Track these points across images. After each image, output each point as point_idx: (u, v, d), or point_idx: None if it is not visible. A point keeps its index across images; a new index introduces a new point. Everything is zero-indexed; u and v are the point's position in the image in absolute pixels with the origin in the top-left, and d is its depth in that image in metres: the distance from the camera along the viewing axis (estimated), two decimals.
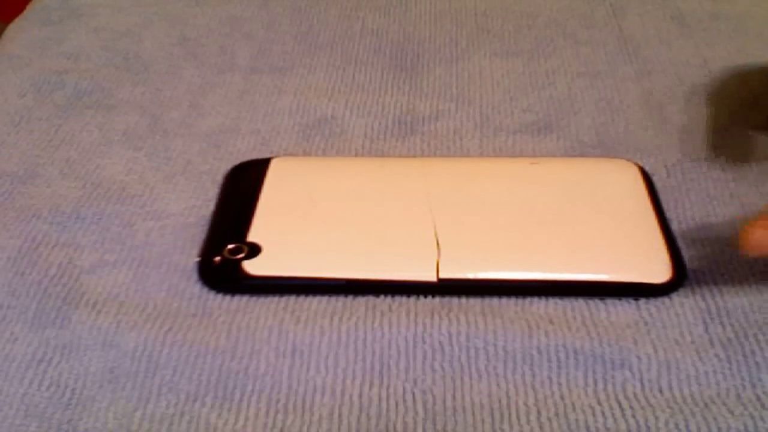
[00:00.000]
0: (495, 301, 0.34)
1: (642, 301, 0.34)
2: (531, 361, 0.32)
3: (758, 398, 0.30)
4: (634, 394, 0.31)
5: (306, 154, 0.43)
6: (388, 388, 0.31)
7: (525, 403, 0.30)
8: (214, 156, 0.43)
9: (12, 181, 0.41)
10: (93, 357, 0.32)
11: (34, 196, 0.40)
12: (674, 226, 0.37)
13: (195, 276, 0.36)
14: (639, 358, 0.32)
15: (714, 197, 0.39)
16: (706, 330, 0.33)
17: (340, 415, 0.30)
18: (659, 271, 0.35)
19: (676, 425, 0.29)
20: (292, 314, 0.34)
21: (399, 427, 0.30)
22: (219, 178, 0.41)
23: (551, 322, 0.33)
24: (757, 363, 0.32)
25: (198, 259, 0.36)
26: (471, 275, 0.34)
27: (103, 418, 0.30)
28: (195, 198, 0.40)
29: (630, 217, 0.37)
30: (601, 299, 0.34)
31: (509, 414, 0.30)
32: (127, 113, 0.46)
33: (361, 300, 0.34)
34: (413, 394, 0.31)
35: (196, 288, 0.35)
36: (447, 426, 0.30)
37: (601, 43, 0.51)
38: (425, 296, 0.34)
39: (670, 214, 0.38)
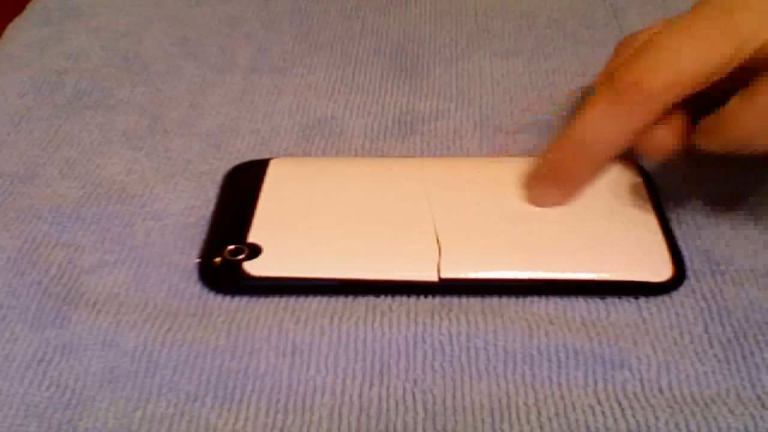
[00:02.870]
0: (495, 301, 0.34)
1: (642, 301, 0.34)
2: (531, 361, 0.32)
3: (758, 398, 0.30)
4: (634, 394, 0.31)
5: (306, 154, 0.43)
6: (388, 388, 0.31)
7: (525, 403, 0.30)
8: (214, 156, 0.43)
9: (12, 181, 0.41)
10: (93, 357, 0.32)
11: (34, 196, 0.40)
12: (674, 226, 0.37)
13: (195, 276, 0.36)
14: (639, 358, 0.32)
15: (714, 197, 0.39)
16: (706, 330, 0.33)
17: (340, 415, 0.30)
18: (659, 270, 0.35)
19: (676, 425, 0.29)
20: (292, 314, 0.34)
21: (399, 427, 0.30)
22: (219, 178, 0.41)
23: (551, 322, 0.33)
24: (756, 363, 0.32)
25: (198, 260, 0.36)
26: (472, 275, 0.34)
27: (103, 418, 0.30)
28: (195, 198, 0.40)
29: (630, 217, 0.37)
30: (601, 298, 0.34)
31: (509, 414, 0.30)
32: (127, 113, 0.46)
33: (361, 300, 0.34)
34: (413, 394, 0.31)
35: (196, 288, 0.35)
36: (447, 426, 0.30)
37: (601, 43, 0.51)
38: (425, 296, 0.34)
39: (670, 214, 0.38)
